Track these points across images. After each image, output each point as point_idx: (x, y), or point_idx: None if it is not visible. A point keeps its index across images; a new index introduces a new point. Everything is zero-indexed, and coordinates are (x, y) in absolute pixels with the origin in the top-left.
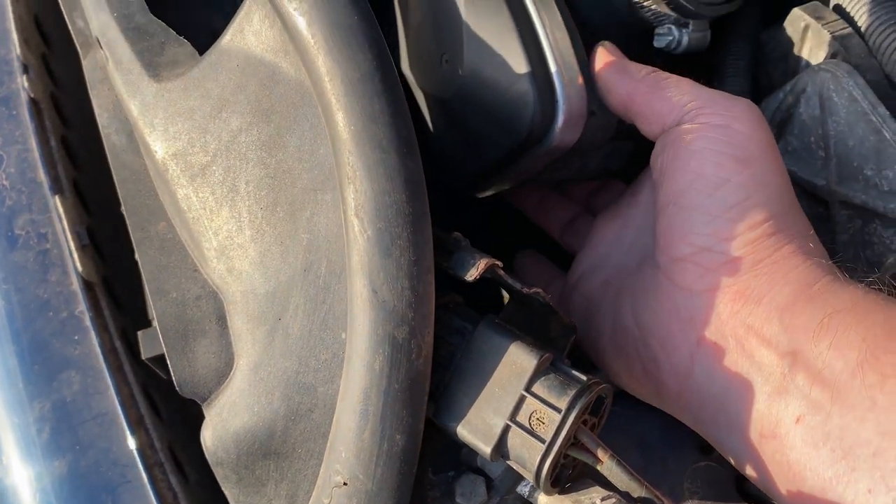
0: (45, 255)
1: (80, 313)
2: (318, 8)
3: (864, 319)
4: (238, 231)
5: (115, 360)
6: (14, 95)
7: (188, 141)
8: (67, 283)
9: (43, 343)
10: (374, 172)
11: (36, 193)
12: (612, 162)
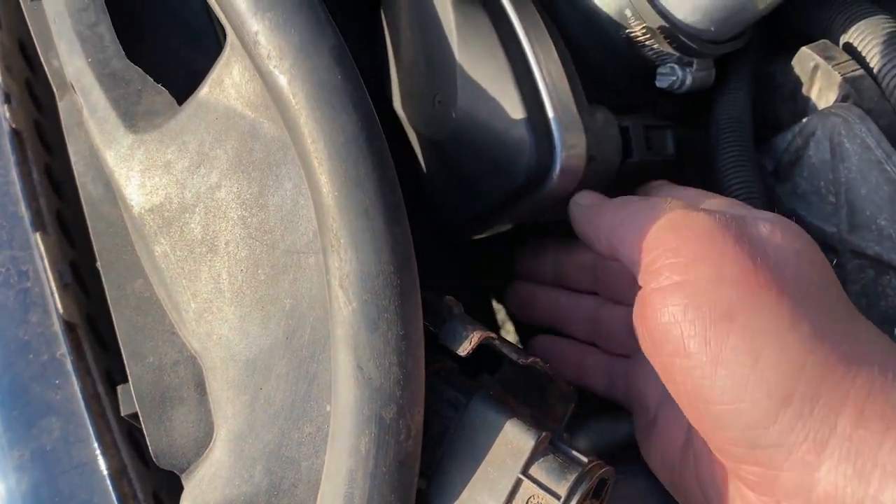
0: (26, 294)
1: (62, 356)
2: (300, 66)
3: None
4: (217, 293)
5: (96, 407)
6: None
7: (165, 196)
8: (49, 324)
9: (23, 387)
10: (360, 241)
11: (17, 228)
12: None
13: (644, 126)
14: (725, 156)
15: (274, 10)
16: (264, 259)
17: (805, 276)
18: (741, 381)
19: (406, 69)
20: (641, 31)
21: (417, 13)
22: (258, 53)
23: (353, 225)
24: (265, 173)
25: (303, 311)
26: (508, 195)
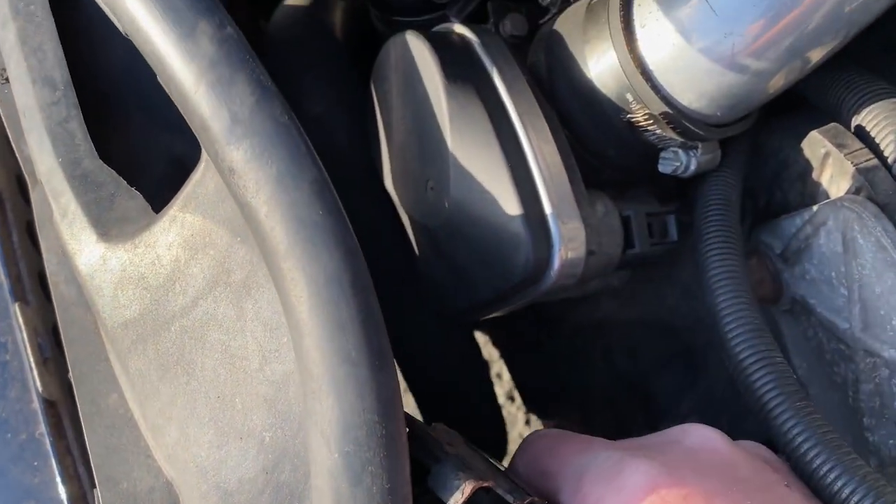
0: (4, 368)
1: (41, 436)
2: (278, 200)
3: None
4: (193, 418)
5: (76, 490)
6: None
7: (140, 311)
8: (27, 401)
9: (1, 469)
10: (343, 388)
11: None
12: (614, 280)
13: (646, 214)
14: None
15: (251, 138)
16: (242, 388)
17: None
18: None
19: (397, 149)
20: (643, 116)
21: (409, 94)
22: (234, 182)
23: (336, 371)
24: (243, 297)
25: (283, 447)
26: (503, 292)
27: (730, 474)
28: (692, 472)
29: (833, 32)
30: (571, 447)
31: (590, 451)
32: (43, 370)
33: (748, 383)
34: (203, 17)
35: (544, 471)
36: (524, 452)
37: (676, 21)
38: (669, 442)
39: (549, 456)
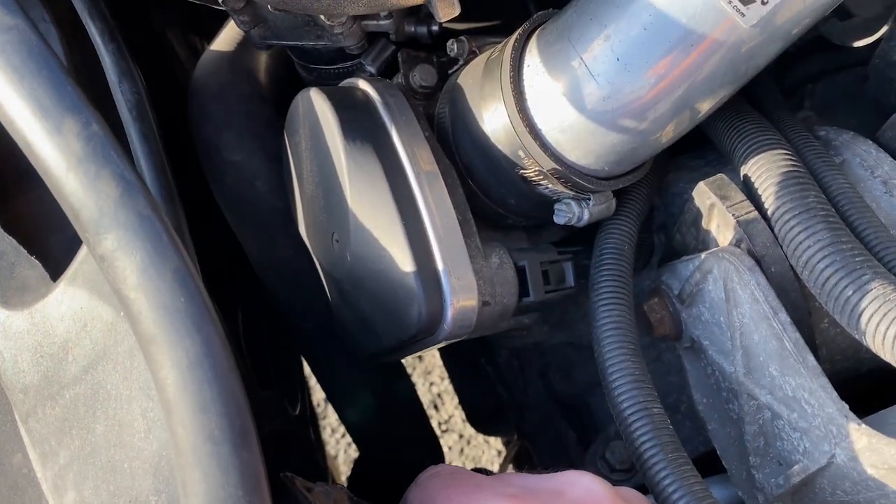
0: None
1: None
2: (144, 289)
3: None
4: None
5: None
6: None
7: (37, 378)
8: None
9: None
10: (207, 464)
11: None
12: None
13: (542, 262)
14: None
15: (116, 230)
16: (130, 453)
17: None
18: None
19: (307, 199)
20: (534, 172)
21: (315, 148)
22: (105, 269)
23: (201, 449)
24: (129, 368)
25: None
26: (402, 342)
27: None
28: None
29: (711, 92)
30: (459, 490)
31: (472, 494)
32: None
33: (629, 434)
34: (70, 114)
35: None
36: (418, 489)
37: (561, 83)
38: (554, 491)
39: (438, 497)
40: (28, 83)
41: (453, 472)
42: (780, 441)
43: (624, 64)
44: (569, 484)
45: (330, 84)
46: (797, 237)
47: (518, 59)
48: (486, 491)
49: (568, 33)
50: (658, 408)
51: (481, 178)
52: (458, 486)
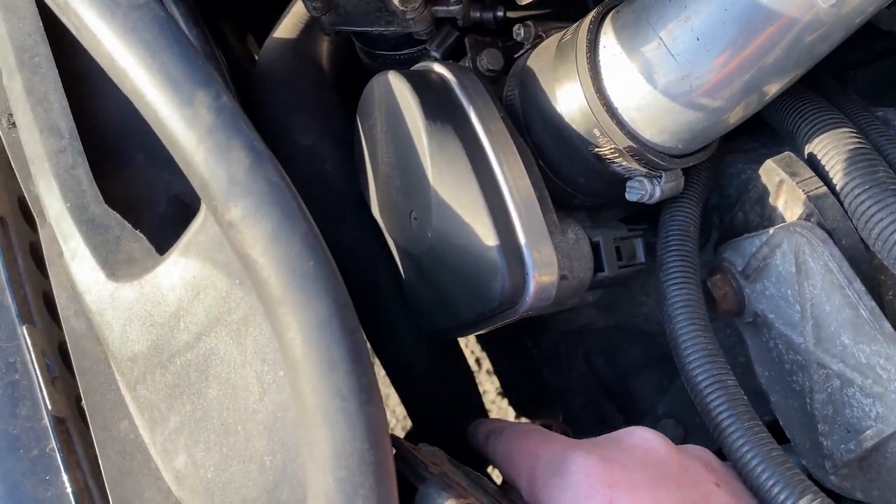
0: (15, 386)
1: (51, 451)
2: (273, 254)
3: None
4: (198, 443)
5: (87, 501)
6: None
7: (146, 346)
8: (38, 418)
9: (14, 483)
10: (335, 421)
11: (4, 319)
12: (589, 297)
13: (615, 238)
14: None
15: (247, 197)
16: (244, 416)
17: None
18: None
19: (382, 181)
20: (610, 150)
21: (392, 130)
22: (232, 236)
23: (329, 406)
24: (243, 334)
25: (282, 470)
26: (482, 315)
27: (659, 470)
28: (623, 466)
29: (783, 72)
30: (534, 440)
31: (544, 444)
32: (52, 389)
33: (703, 404)
34: (200, 87)
35: (510, 459)
36: (500, 439)
37: (638, 63)
38: (613, 441)
39: (516, 447)
40: (159, 58)
41: (526, 426)
42: (850, 408)
43: (704, 43)
44: (626, 434)
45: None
46: (868, 210)
47: (594, 41)
48: (552, 441)
49: (646, 15)
50: (732, 380)
51: (552, 157)
52: (531, 438)
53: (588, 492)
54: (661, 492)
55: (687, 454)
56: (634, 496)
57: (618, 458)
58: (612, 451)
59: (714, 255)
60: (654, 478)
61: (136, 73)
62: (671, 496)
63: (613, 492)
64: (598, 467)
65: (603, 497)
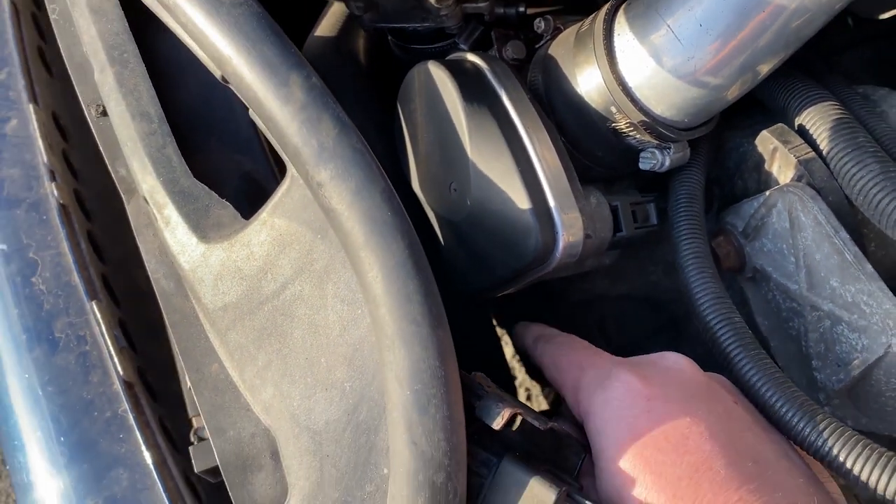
0: (86, 356)
1: (123, 412)
2: (357, 207)
3: None
4: (285, 377)
5: (158, 456)
6: (43, 201)
7: (237, 296)
8: (109, 384)
9: (90, 443)
10: (411, 343)
11: (72, 297)
12: (606, 259)
13: (630, 203)
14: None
15: (335, 161)
16: (326, 350)
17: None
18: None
19: (422, 158)
20: (625, 124)
21: (432, 113)
22: (322, 194)
23: (406, 331)
24: (325, 281)
25: (361, 393)
26: (517, 271)
27: (688, 387)
28: (659, 383)
29: (774, 52)
30: (581, 352)
31: (590, 358)
32: (121, 356)
33: (714, 338)
34: (294, 70)
35: (558, 366)
36: (550, 346)
37: (649, 48)
38: (647, 362)
39: (564, 356)
40: (259, 47)
41: (573, 339)
42: (839, 344)
43: (706, 29)
44: (659, 357)
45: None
46: (851, 170)
47: (609, 30)
48: (597, 358)
49: (655, 5)
50: (738, 318)
51: (572, 133)
52: (580, 352)
53: (629, 403)
54: (691, 404)
55: (710, 376)
56: (668, 407)
57: (654, 376)
58: (650, 370)
59: (717, 221)
60: (684, 393)
61: (238, 60)
62: (699, 408)
63: (651, 403)
64: (638, 382)
65: (642, 407)
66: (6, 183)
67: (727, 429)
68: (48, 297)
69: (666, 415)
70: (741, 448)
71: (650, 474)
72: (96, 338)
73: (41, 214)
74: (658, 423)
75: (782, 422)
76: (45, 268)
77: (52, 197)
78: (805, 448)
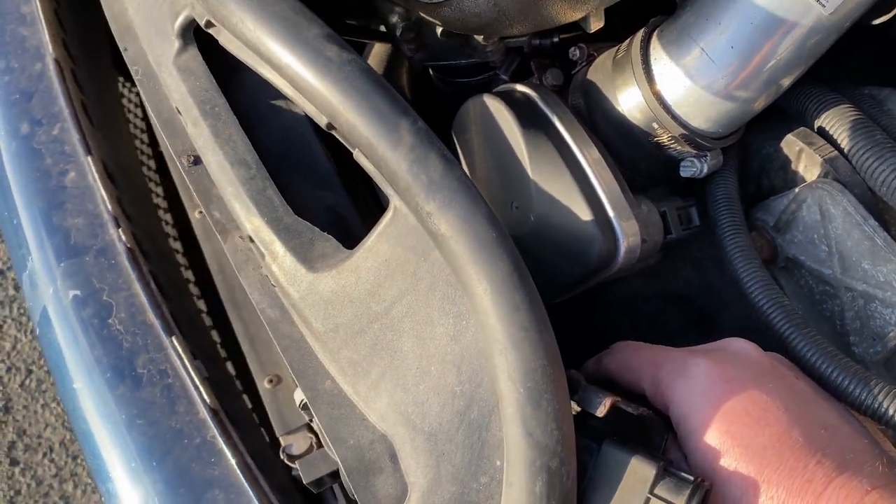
0: (170, 389)
1: (212, 438)
2: (465, 229)
3: None
4: (398, 386)
5: (250, 476)
6: (109, 246)
7: (346, 317)
8: (195, 413)
9: (184, 468)
10: (521, 347)
11: (150, 334)
12: (651, 260)
13: (676, 208)
14: (724, 227)
15: (442, 192)
16: (436, 359)
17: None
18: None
19: (480, 181)
20: (667, 138)
21: (489, 141)
22: (431, 222)
23: (516, 336)
24: (430, 297)
25: (471, 394)
26: (581, 277)
27: (758, 368)
28: (733, 365)
29: (796, 66)
30: (650, 350)
31: (663, 353)
32: (205, 386)
33: (769, 322)
34: (402, 117)
35: (629, 367)
36: (613, 355)
37: (686, 69)
38: (717, 348)
39: (634, 357)
40: (370, 99)
41: (639, 343)
42: (874, 320)
43: (737, 50)
44: (727, 343)
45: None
46: (873, 164)
47: (646, 55)
48: (669, 350)
49: (688, 31)
50: (788, 301)
51: (616, 148)
52: (648, 349)
53: (711, 386)
54: (763, 382)
55: (771, 356)
56: (745, 386)
57: (727, 360)
58: (721, 355)
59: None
60: (756, 373)
61: (352, 113)
62: (771, 385)
63: (730, 384)
64: (715, 366)
65: (723, 388)
66: (72, 232)
67: (797, 401)
68: (126, 337)
69: (744, 393)
70: (811, 417)
71: (737, 447)
72: (177, 370)
73: (109, 259)
74: (739, 401)
75: (839, 390)
76: (121, 309)
77: (118, 242)
78: (862, 411)
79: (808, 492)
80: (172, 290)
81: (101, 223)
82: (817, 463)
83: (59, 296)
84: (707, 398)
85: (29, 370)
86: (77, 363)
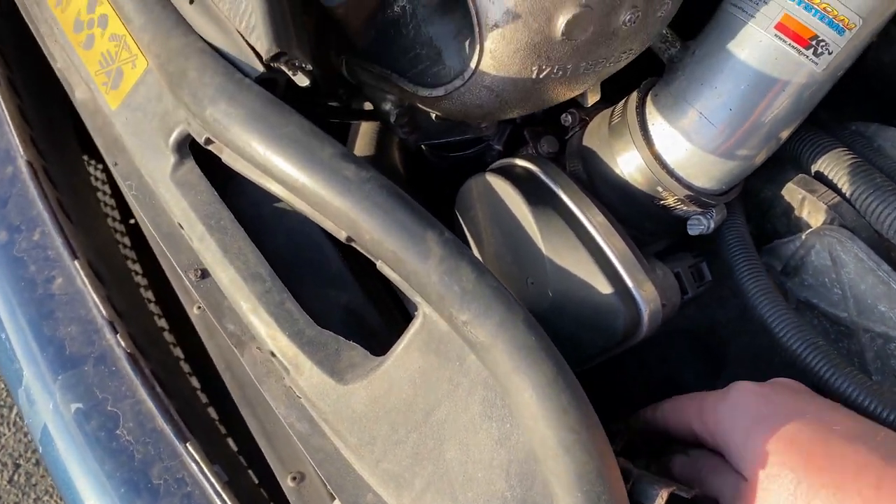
0: (190, 497)
1: None
2: (504, 336)
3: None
4: (447, 496)
5: None
6: (108, 352)
7: (384, 430)
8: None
9: None
10: (573, 450)
11: (161, 441)
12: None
13: (688, 266)
14: (742, 269)
15: (477, 301)
16: (481, 466)
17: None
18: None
19: (490, 258)
20: (673, 199)
21: (496, 218)
22: (468, 331)
23: (567, 440)
24: (469, 402)
25: (522, 498)
26: (606, 349)
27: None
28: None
29: (794, 119)
30: (696, 394)
31: (703, 394)
32: (227, 490)
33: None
34: (428, 229)
35: (677, 410)
36: (663, 404)
37: (685, 133)
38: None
39: (681, 401)
40: (394, 214)
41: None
42: (894, 359)
43: (735, 112)
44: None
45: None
46: (877, 209)
47: (643, 120)
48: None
49: (684, 95)
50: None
51: (620, 212)
52: (689, 396)
53: (750, 401)
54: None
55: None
56: (781, 398)
57: (767, 384)
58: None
59: None
60: (786, 388)
61: (375, 229)
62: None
63: (768, 397)
64: (753, 386)
65: (762, 400)
66: (66, 342)
67: (827, 406)
68: (137, 447)
69: (781, 401)
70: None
71: (783, 441)
72: (195, 477)
73: (109, 366)
74: (778, 406)
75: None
76: (128, 418)
77: (117, 347)
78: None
79: (861, 479)
80: (175, 389)
81: (95, 329)
82: (868, 450)
83: (61, 411)
84: (747, 410)
85: (16, 464)
86: (88, 481)
